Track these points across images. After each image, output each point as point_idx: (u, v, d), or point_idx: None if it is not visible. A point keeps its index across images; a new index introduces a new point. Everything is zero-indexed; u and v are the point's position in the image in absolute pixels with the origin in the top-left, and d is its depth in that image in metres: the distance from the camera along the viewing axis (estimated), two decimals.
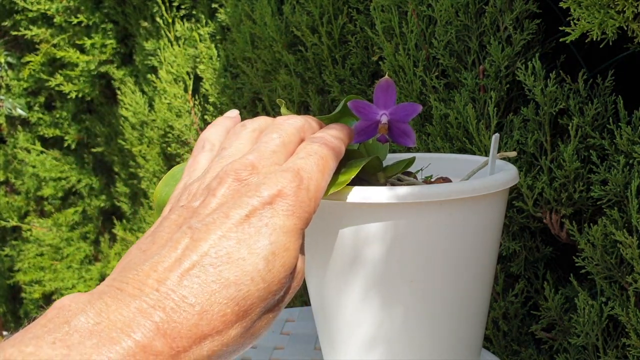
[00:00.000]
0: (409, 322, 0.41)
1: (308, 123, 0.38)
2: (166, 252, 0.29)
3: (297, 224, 0.32)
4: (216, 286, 0.29)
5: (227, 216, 0.31)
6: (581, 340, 0.57)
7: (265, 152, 0.34)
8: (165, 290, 0.28)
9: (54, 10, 1.60)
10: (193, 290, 0.28)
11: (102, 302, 0.27)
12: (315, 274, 0.44)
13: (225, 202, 0.32)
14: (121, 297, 0.27)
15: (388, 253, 0.39)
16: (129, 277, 0.29)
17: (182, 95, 1.34)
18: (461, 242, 0.40)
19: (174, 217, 0.32)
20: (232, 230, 0.30)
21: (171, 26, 1.35)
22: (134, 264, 0.30)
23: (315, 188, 0.33)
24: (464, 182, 0.39)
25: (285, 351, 0.59)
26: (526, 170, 0.62)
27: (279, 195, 0.31)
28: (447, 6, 0.67)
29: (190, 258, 0.29)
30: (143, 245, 0.31)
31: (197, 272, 0.29)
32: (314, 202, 0.33)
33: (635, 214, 0.51)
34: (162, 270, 0.29)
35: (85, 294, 0.28)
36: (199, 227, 0.30)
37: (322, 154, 0.35)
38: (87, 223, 1.94)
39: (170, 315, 0.27)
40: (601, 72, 0.60)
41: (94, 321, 0.26)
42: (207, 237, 0.30)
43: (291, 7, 0.92)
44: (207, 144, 0.39)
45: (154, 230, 0.32)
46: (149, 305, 0.27)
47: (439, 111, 0.69)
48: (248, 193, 0.31)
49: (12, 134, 1.94)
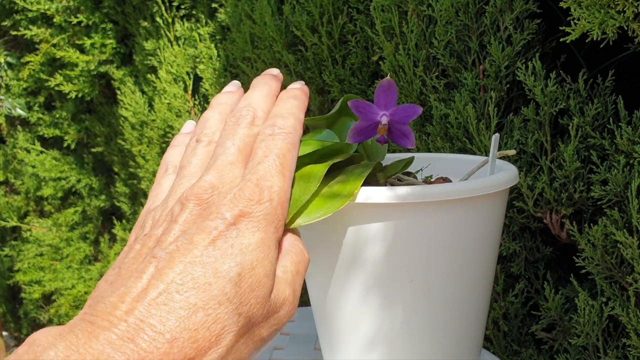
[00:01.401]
0: (409, 322, 0.41)
1: (260, 109, 0.37)
2: (132, 283, 0.29)
3: (265, 238, 0.31)
4: (184, 312, 0.28)
5: (191, 242, 0.30)
6: (581, 341, 0.57)
7: (224, 167, 0.34)
8: (134, 320, 0.28)
9: (54, 10, 1.60)
10: (162, 318, 0.28)
11: (72, 335, 0.27)
12: (315, 274, 0.44)
13: (188, 229, 0.31)
14: (91, 330, 0.27)
15: (388, 253, 0.39)
16: (98, 310, 0.28)
17: (181, 95, 1.34)
18: (461, 242, 0.40)
19: (137, 247, 0.32)
20: (197, 255, 0.30)
21: (171, 26, 1.35)
22: (102, 297, 0.29)
23: (278, 194, 0.33)
24: (463, 182, 0.39)
25: (285, 351, 0.59)
26: (526, 170, 0.62)
27: (242, 215, 0.31)
28: (447, 6, 0.67)
29: (157, 287, 0.29)
30: (110, 278, 0.31)
31: (164, 299, 0.28)
32: (280, 209, 0.33)
33: (635, 214, 0.51)
34: (129, 301, 0.28)
35: (57, 328, 0.28)
36: (163, 255, 0.30)
37: (278, 151, 0.34)
38: (87, 223, 1.94)
39: (140, 345, 0.27)
40: (601, 72, 0.60)
41: (64, 354, 0.26)
42: (173, 265, 0.29)
43: (291, 6, 0.92)
44: (169, 167, 0.38)
45: (120, 263, 0.32)
46: (117, 336, 0.27)
47: (439, 111, 0.69)
48: (210, 216, 0.31)
49: (11, 134, 1.94)
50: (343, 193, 0.36)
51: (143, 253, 0.32)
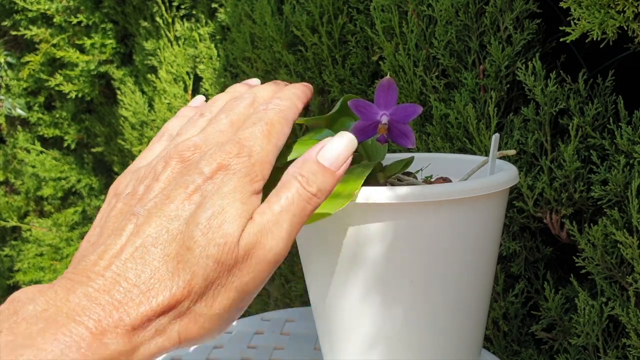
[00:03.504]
0: (409, 322, 0.41)
1: (262, 96, 0.38)
2: (111, 241, 0.30)
3: (239, 186, 0.31)
4: (158, 264, 0.29)
5: (168, 198, 0.31)
6: (581, 341, 0.57)
7: (212, 133, 0.34)
8: (111, 275, 0.29)
9: (54, 10, 1.60)
10: (137, 271, 0.29)
11: (52, 291, 0.28)
12: (315, 274, 0.44)
13: (167, 185, 0.32)
14: (70, 286, 0.28)
15: (388, 253, 0.39)
16: (79, 268, 0.30)
17: (181, 95, 1.34)
18: (461, 242, 0.40)
19: (119, 206, 0.33)
20: (172, 210, 0.31)
21: (171, 26, 1.35)
22: (83, 256, 0.31)
23: (259, 153, 0.33)
24: (463, 182, 0.39)
25: (285, 351, 0.59)
26: (526, 170, 0.62)
27: (219, 168, 0.32)
28: (447, 6, 0.67)
29: (134, 243, 0.30)
30: (92, 238, 0.33)
31: (140, 253, 0.29)
32: (260, 166, 0.33)
33: (635, 214, 0.51)
34: (107, 258, 0.30)
35: (38, 286, 0.29)
36: (142, 212, 0.31)
37: (267, 119, 0.34)
38: (87, 223, 1.94)
39: (115, 297, 0.28)
40: (601, 72, 0.60)
41: (42, 308, 0.27)
42: (150, 221, 0.30)
43: (291, 6, 0.92)
44: (165, 134, 0.39)
45: (103, 222, 0.33)
46: (94, 289, 0.28)
47: (439, 111, 0.69)
48: (189, 172, 0.32)
49: (11, 134, 1.94)
50: (344, 193, 0.36)
51: (124, 211, 0.33)
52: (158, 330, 0.29)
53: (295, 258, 1.06)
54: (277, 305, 1.13)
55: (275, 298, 1.14)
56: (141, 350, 0.28)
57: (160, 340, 0.29)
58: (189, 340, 0.30)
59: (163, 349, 0.29)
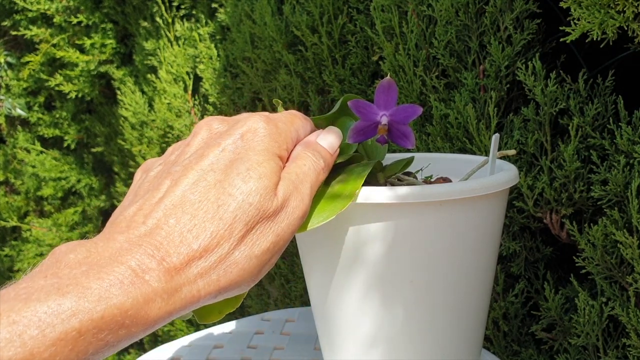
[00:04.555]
0: (409, 322, 0.41)
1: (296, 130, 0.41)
2: (149, 195, 0.32)
3: (268, 147, 0.34)
4: (197, 209, 0.31)
5: (202, 155, 0.33)
6: (581, 341, 0.57)
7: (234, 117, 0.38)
8: (152, 222, 0.30)
9: (54, 10, 1.60)
10: (177, 217, 0.30)
11: (92, 243, 0.29)
12: (315, 274, 0.44)
13: (199, 148, 0.34)
14: (109, 236, 0.30)
15: (388, 253, 0.39)
16: (117, 222, 0.31)
17: (181, 95, 1.34)
18: (461, 242, 0.40)
19: (153, 173, 0.35)
20: (207, 164, 0.33)
21: (171, 26, 1.35)
22: (119, 213, 0.32)
23: (284, 127, 0.36)
24: (464, 182, 0.39)
25: (285, 351, 0.59)
26: (526, 170, 0.62)
27: (249, 130, 0.34)
28: (447, 6, 0.67)
29: (173, 193, 0.31)
30: (126, 202, 0.34)
31: (180, 201, 0.31)
32: (285, 137, 0.36)
33: (635, 214, 0.51)
34: (147, 208, 0.31)
35: (79, 241, 0.30)
36: (178, 169, 0.33)
37: (290, 115, 0.39)
38: (87, 223, 1.94)
39: (157, 239, 0.29)
40: (601, 72, 0.60)
41: (83, 255, 0.28)
42: (187, 174, 0.32)
43: (291, 7, 0.92)
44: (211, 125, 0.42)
45: (137, 187, 0.35)
46: (136, 236, 0.30)
47: (439, 111, 0.69)
48: (221, 136, 0.35)
49: (11, 134, 1.94)
50: (344, 194, 0.37)
51: (158, 176, 0.34)
52: (200, 273, 0.30)
53: (295, 258, 1.06)
54: (277, 305, 1.13)
55: (275, 298, 1.14)
56: (184, 291, 0.29)
57: (202, 283, 0.30)
58: (229, 286, 0.31)
59: (205, 294, 0.30)
